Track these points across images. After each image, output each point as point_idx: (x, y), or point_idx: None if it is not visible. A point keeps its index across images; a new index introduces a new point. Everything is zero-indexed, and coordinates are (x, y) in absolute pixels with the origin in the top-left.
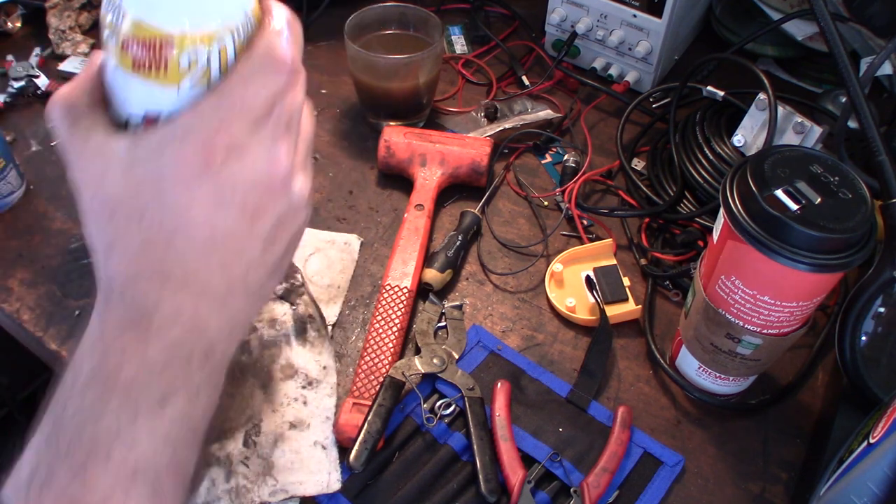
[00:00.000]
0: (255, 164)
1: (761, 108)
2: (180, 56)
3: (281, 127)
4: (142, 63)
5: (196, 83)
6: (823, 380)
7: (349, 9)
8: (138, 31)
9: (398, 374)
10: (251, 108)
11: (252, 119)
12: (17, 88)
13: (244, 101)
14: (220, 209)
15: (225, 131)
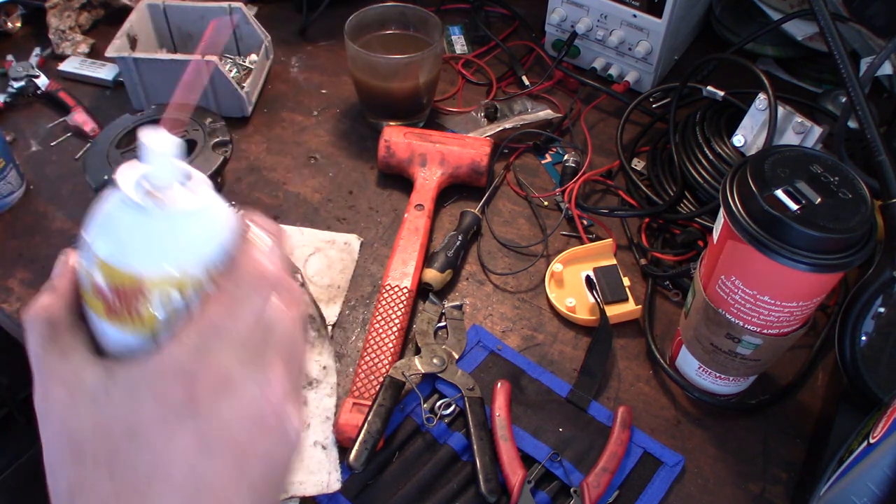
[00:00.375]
0: (246, 400)
1: (761, 108)
2: (154, 301)
3: (272, 353)
4: (113, 309)
5: (173, 325)
6: (823, 380)
7: (349, 9)
8: (109, 274)
9: (398, 374)
10: (239, 336)
11: (240, 347)
12: (17, 88)
13: (230, 329)
14: (205, 454)
15: (211, 364)
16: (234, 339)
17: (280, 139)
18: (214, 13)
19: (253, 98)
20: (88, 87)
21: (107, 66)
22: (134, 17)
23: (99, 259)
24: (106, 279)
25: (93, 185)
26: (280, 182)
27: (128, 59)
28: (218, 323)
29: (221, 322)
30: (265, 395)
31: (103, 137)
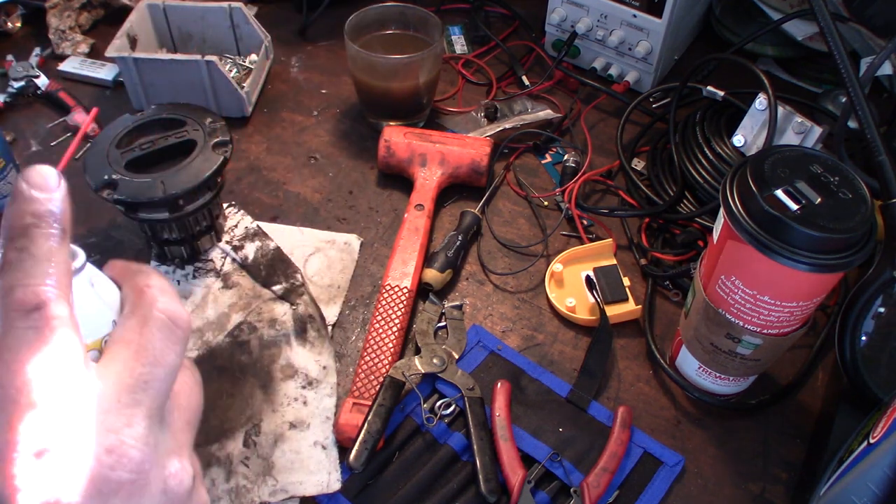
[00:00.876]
0: (86, 459)
1: (761, 108)
2: None
3: (119, 401)
4: None
5: None
6: (823, 380)
7: (349, 9)
8: None
9: (398, 374)
10: (23, 386)
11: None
12: (17, 88)
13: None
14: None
15: (12, 428)
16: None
17: (280, 139)
18: (214, 13)
19: (253, 98)
20: (88, 87)
21: (107, 66)
22: (134, 17)
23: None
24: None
25: (92, 185)
26: (280, 182)
27: (128, 59)
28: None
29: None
30: (110, 449)
31: (103, 137)
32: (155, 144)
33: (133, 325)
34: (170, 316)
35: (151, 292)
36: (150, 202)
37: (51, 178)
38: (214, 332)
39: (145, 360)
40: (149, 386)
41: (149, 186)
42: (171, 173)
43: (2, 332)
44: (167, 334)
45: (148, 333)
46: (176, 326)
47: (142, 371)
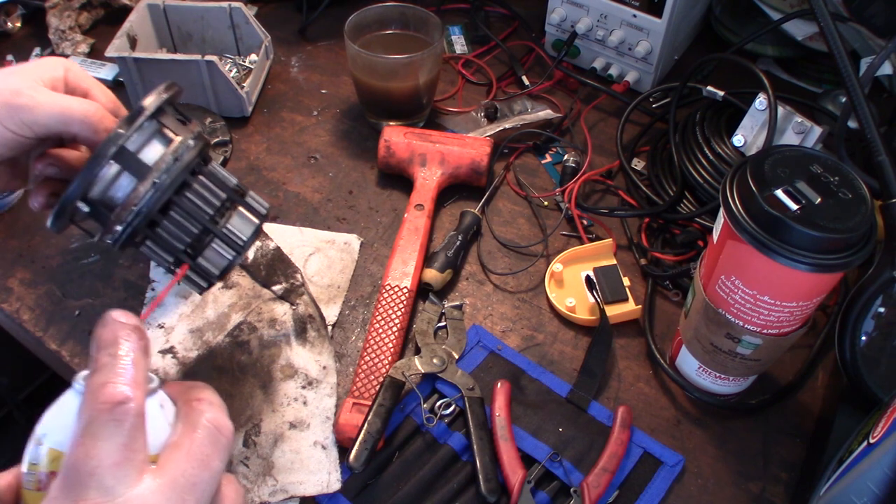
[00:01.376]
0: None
1: (761, 108)
2: None
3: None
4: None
5: None
6: (823, 380)
7: (349, 9)
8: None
9: (398, 374)
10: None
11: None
12: None
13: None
14: None
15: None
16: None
17: (280, 139)
18: (214, 13)
19: (253, 98)
20: None
21: (107, 66)
22: (134, 17)
23: (50, 449)
24: (48, 467)
25: None
26: (280, 182)
27: (128, 59)
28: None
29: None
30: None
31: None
32: None
33: (184, 432)
34: (216, 425)
35: (201, 405)
36: None
37: (132, 315)
38: (214, 332)
39: (194, 462)
40: (196, 488)
41: None
42: None
43: (87, 420)
44: (213, 441)
45: (197, 440)
46: (221, 435)
47: (191, 473)
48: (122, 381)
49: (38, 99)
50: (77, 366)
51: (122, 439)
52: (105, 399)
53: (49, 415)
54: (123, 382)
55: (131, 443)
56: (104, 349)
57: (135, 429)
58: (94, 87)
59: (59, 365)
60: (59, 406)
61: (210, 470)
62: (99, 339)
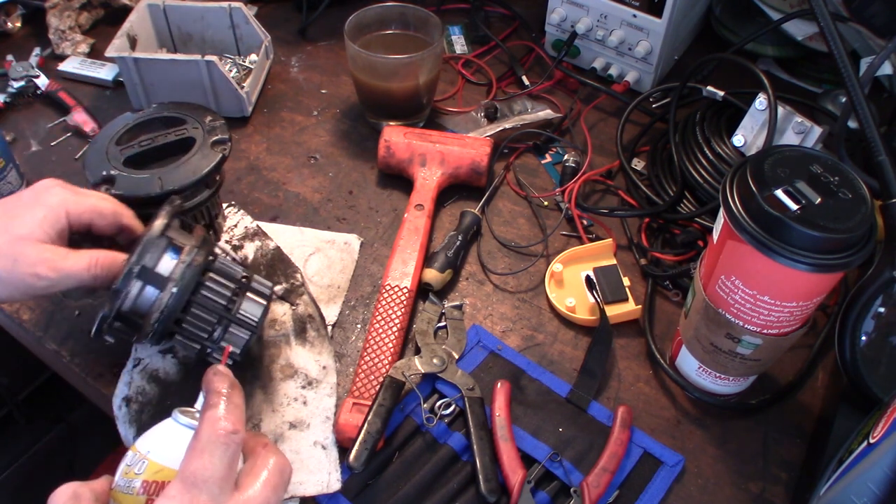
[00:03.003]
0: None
1: (761, 108)
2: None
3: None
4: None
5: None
6: (823, 380)
7: (349, 9)
8: (155, 472)
9: (398, 374)
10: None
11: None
12: (17, 88)
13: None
14: None
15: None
16: (209, 484)
17: (280, 139)
18: (214, 13)
19: (253, 98)
20: (88, 87)
21: (107, 66)
22: (134, 17)
23: (153, 462)
24: (151, 477)
25: (91, 180)
26: (280, 182)
27: (128, 59)
28: (194, 472)
29: (196, 471)
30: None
31: (103, 134)
32: (154, 141)
33: (259, 465)
34: (281, 464)
35: (269, 449)
36: (147, 198)
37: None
38: None
39: (268, 489)
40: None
41: (146, 182)
42: (169, 170)
43: (205, 441)
44: (281, 475)
45: (270, 473)
46: (285, 472)
47: (266, 495)
48: (231, 418)
49: (38, 270)
50: (77, 366)
51: (228, 460)
52: (221, 427)
53: (150, 436)
54: (233, 419)
55: (233, 464)
56: (216, 393)
57: (236, 455)
58: (95, 218)
59: (59, 365)
60: (160, 430)
61: (277, 495)
62: (211, 384)
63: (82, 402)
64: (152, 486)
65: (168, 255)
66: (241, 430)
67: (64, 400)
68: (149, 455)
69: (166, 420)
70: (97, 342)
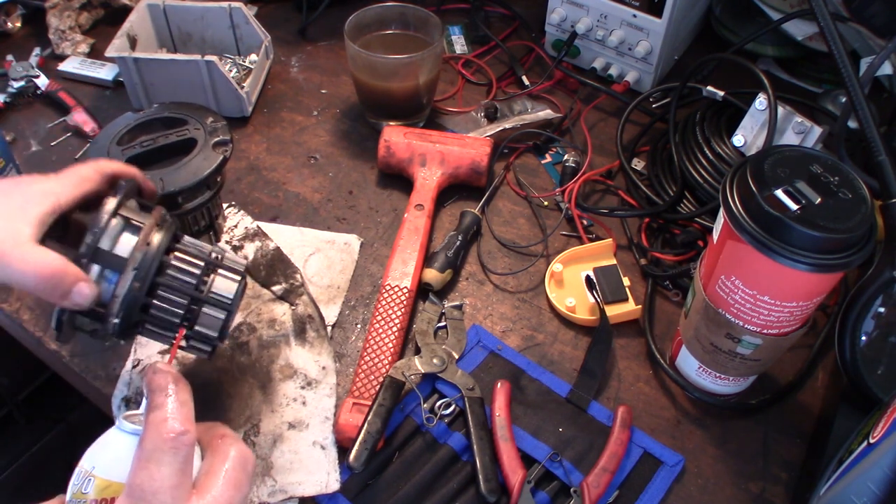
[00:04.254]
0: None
1: (761, 108)
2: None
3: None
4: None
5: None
6: (823, 380)
7: (349, 9)
8: (103, 488)
9: (398, 374)
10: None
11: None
12: (17, 88)
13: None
14: None
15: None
16: (159, 496)
17: (280, 139)
18: (214, 13)
19: (253, 98)
20: (88, 87)
21: (107, 66)
22: (134, 17)
23: (100, 479)
24: (99, 495)
25: None
26: (280, 182)
27: (128, 59)
28: (140, 485)
29: (143, 484)
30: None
31: (105, 134)
32: (156, 142)
33: (217, 462)
34: (242, 456)
35: (227, 441)
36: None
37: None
38: None
39: (229, 486)
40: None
41: None
42: (170, 170)
43: (150, 449)
44: (242, 468)
45: (229, 468)
46: (247, 463)
47: (228, 494)
48: (178, 418)
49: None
50: (77, 366)
51: (179, 465)
52: (166, 432)
53: (94, 450)
54: (180, 419)
55: (185, 468)
56: (159, 392)
57: (188, 457)
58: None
59: (59, 365)
60: (104, 442)
61: (241, 492)
62: (152, 384)
63: (82, 402)
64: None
65: (126, 236)
66: (190, 429)
67: (64, 400)
68: (94, 472)
69: (110, 430)
70: (99, 344)
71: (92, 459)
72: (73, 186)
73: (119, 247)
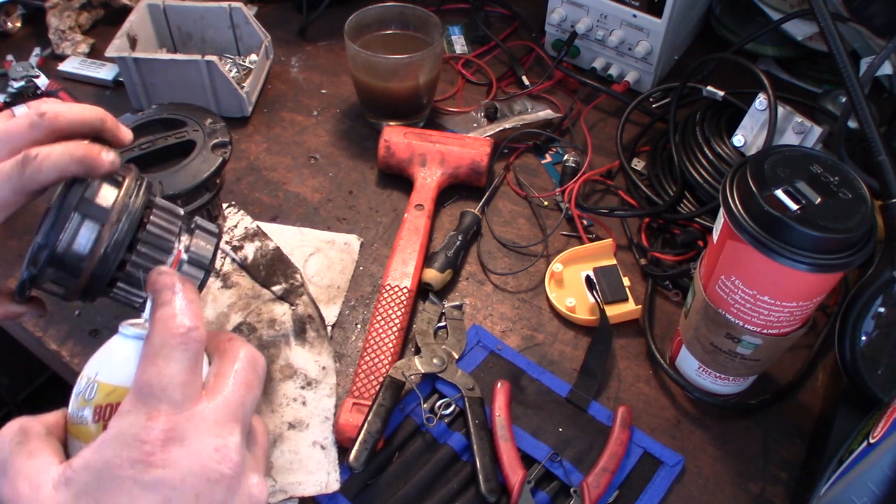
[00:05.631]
0: (200, 452)
1: (761, 108)
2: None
3: (225, 414)
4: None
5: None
6: (823, 380)
7: (349, 9)
8: (107, 393)
9: (398, 374)
10: (172, 387)
11: (178, 397)
12: (17, 88)
13: (159, 382)
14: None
15: (153, 418)
16: (168, 392)
17: (280, 139)
18: (214, 13)
19: (253, 98)
20: (88, 87)
21: (107, 66)
22: (134, 17)
23: (104, 384)
24: (103, 400)
25: None
26: (280, 182)
27: (128, 59)
28: (146, 379)
29: (149, 377)
30: (221, 453)
31: None
32: (154, 144)
33: (226, 362)
34: (251, 356)
35: (235, 342)
36: None
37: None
38: None
39: (240, 386)
40: (243, 408)
41: None
42: (169, 173)
43: (158, 345)
44: (252, 368)
45: (239, 368)
46: (257, 363)
47: (239, 394)
48: (188, 314)
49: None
50: (77, 366)
51: (189, 362)
52: (175, 326)
53: (97, 358)
54: (189, 315)
55: (195, 366)
56: (166, 290)
57: (198, 354)
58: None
59: (59, 365)
60: (107, 350)
61: (252, 393)
62: (158, 283)
63: None
64: (106, 411)
65: (106, 186)
66: (200, 325)
67: (64, 400)
68: (97, 377)
69: (113, 337)
70: (96, 339)
71: (95, 366)
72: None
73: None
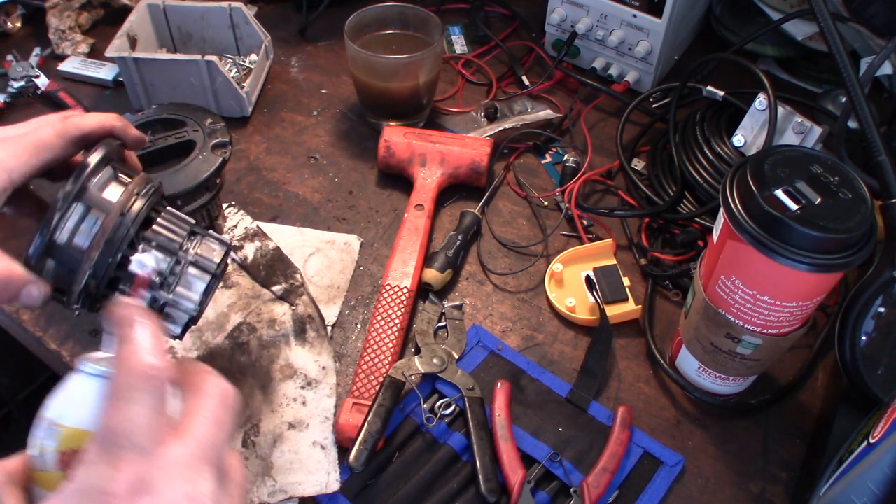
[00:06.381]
0: (171, 501)
1: (761, 108)
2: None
3: (196, 457)
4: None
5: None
6: (823, 380)
7: (349, 9)
8: (70, 437)
9: (398, 374)
10: (133, 432)
11: (142, 445)
12: (16, 88)
13: (123, 428)
14: None
15: (119, 468)
16: (133, 438)
17: (280, 139)
18: (214, 13)
19: (253, 98)
20: (88, 87)
21: (107, 66)
22: (134, 17)
23: (66, 428)
24: (67, 445)
25: None
26: (280, 182)
27: (128, 59)
28: (113, 428)
29: (115, 422)
30: (190, 495)
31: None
32: (154, 144)
33: (196, 400)
34: (223, 391)
35: (205, 377)
36: None
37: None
38: (213, 332)
39: (210, 424)
40: (215, 447)
41: None
42: (169, 173)
43: (120, 387)
44: (224, 405)
45: (210, 405)
46: (229, 399)
47: (210, 433)
48: (150, 351)
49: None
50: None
51: (153, 403)
52: (137, 366)
53: (58, 399)
54: (152, 352)
55: (161, 406)
56: (125, 324)
57: (163, 393)
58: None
59: (59, 365)
60: (68, 390)
61: (224, 431)
62: (117, 317)
63: None
64: (70, 457)
65: (114, 184)
66: (163, 362)
67: None
68: (59, 421)
69: (72, 375)
70: (96, 339)
71: (56, 409)
72: (29, 155)
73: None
